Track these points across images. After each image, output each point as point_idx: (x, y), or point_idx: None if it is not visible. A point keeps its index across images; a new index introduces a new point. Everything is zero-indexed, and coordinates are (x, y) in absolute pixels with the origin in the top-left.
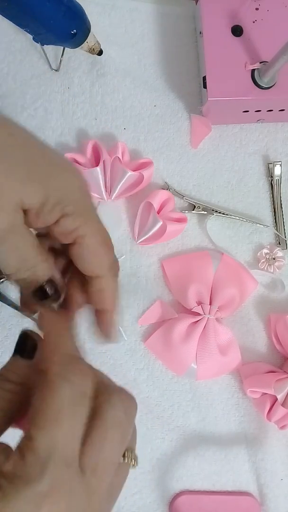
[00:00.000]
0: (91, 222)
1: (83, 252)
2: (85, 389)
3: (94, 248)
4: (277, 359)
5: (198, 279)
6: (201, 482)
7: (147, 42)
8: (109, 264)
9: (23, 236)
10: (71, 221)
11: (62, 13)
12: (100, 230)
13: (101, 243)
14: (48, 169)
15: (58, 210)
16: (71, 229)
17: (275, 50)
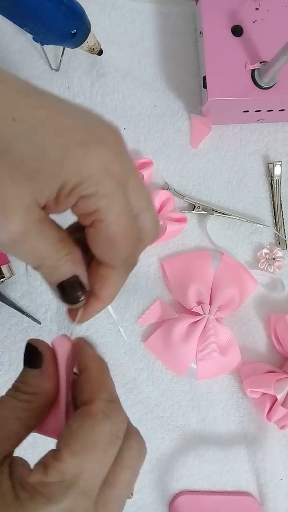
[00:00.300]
0: (115, 207)
1: (100, 237)
2: (120, 432)
3: (111, 236)
4: (277, 359)
5: (198, 279)
6: (201, 482)
7: (147, 42)
8: (123, 258)
9: (40, 236)
10: (90, 204)
11: (62, 13)
12: (124, 218)
13: (122, 232)
14: (62, 154)
15: (76, 194)
16: (89, 211)
17: (275, 50)
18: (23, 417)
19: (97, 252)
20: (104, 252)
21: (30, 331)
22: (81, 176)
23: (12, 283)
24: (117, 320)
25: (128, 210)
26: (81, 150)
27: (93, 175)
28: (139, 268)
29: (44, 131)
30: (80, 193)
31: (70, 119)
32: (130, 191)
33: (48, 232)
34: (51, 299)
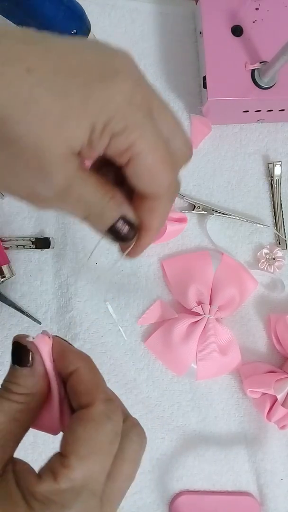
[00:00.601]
0: (148, 136)
1: (139, 170)
2: (120, 429)
3: (151, 166)
4: (277, 359)
5: (198, 279)
6: (201, 482)
7: (147, 42)
8: (167, 185)
9: (83, 184)
10: (123, 140)
11: (62, 13)
12: (159, 145)
13: (160, 159)
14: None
15: (108, 133)
16: (124, 148)
17: (275, 50)
18: (20, 418)
19: (141, 186)
20: (147, 185)
21: (30, 331)
22: (108, 112)
23: (12, 283)
24: (117, 320)
25: (161, 137)
26: (101, 86)
27: (119, 108)
28: (139, 268)
29: (61, 76)
30: (111, 130)
31: (82, 57)
32: (156, 115)
33: (89, 179)
34: (51, 299)
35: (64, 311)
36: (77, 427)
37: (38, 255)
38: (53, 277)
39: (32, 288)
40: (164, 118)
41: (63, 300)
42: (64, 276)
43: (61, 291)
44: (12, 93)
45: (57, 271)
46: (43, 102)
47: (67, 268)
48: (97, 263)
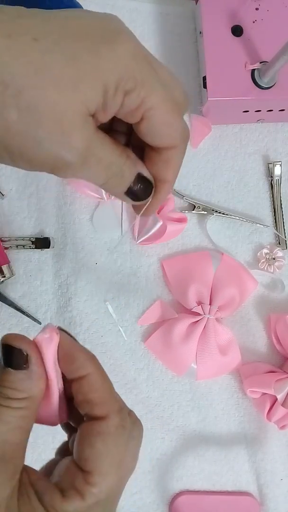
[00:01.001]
0: (156, 90)
1: (154, 125)
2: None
3: (164, 118)
4: (277, 359)
5: (198, 279)
6: (201, 482)
7: (147, 42)
8: (181, 132)
9: (102, 145)
10: (135, 97)
11: None
12: (167, 96)
13: (171, 110)
14: (93, 55)
15: (120, 92)
16: (137, 105)
17: (275, 50)
18: (23, 424)
19: (157, 140)
20: (164, 137)
21: (30, 331)
22: (119, 71)
23: (12, 283)
24: (117, 320)
25: (166, 87)
26: (108, 47)
27: (128, 66)
28: (139, 268)
29: (68, 41)
30: (123, 88)
31: (82, 23)
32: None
33: (106, 140)
34: (51, 299)
35: (64, 311)
36: (97, 442)
37: (38, 255)
38: (53, 277)
39: (32, 288)
40: (161, 71)
41: (63, 300)
42: (64, 276)
43: (61, 291)
44: (25, 62)
45: (57, 271)
46: (56, 67)
47: (67, 268)
48: (97, 263)
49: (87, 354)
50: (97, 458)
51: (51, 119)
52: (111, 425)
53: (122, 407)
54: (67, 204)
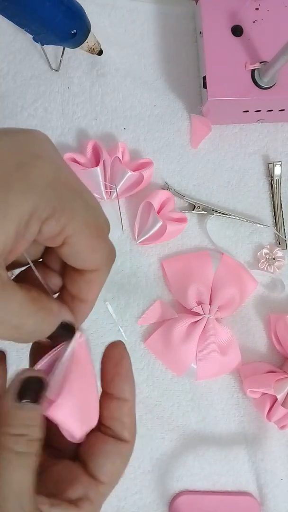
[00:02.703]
0: (78, 215)
1: (77, 250)
2: None
3: (87, 243)
4: (277, 359)
5: (198, 279)
6: (201, 482)
7: (147, 42)
8: (106, 256)
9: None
10: (54, 224)
11: (62, 13)
12: (91, 220)
13: (95, 235)
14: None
15: (36, 221)
16: (57, 232)
17: (275, 50)
18: (35, 465)
19: (79, 264)
20: (86, 261)
21: None
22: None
23: None
24: (117, 320)
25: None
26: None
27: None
28: (139, 268)
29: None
30: (40, 217)
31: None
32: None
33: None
34: None
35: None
36: (117, 461)
37: None
38: None
39: None
40: (86, 194)
41: None
42: None
43: None
44: None
45: None
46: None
47: None
48: None
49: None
50: (115, 474)
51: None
52: (131, 449)
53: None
54: None
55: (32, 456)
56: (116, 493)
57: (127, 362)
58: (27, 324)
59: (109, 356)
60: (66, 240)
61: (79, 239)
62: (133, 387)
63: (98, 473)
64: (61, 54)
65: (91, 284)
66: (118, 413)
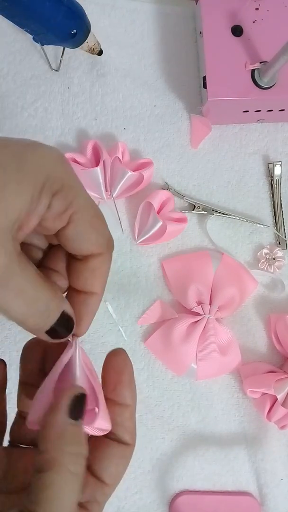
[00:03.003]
0: (82, 194)
1: (82, 228)
2: None
3: (92, 221)
4: (277, 359)
5: (198, 279)
6: (201, 482)
7: (147, 42)
8: (107, 239)
9: (23, 272)
10: (62, 198)
11: (62, 13)
12: (92, 202)
13: (97, 215)
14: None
15: (48, 193)
16: (65, 207)
17: (275, 50)
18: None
19: (84, 245)
20: (91, 242)
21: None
22: (46, 171)
23: None
24: (117, 320)
25: (86, 193)
26: (32, 150)
27: (54, 168)
28: (139, 268)
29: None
30: (50, 189)
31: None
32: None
33: (30, 267)
34: None
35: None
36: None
37: None
38: None
39: None
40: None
41: None
42: None
43: None
44: None
45: None
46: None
47: None
48: None
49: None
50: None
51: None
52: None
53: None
54: None
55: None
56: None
57: (129, 370)
58: (41, 299)
59: (111, 364)
60: (72, 217)
61: (84, 216)
62: (134, 393)
63: (103, 475)
64: (61, 54)
65: (96, 273)
66: (120, 418)
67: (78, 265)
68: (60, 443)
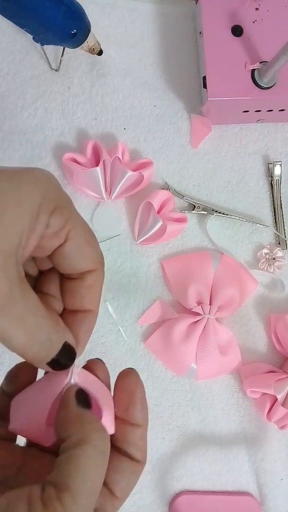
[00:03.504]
0: (75, 211)
1: (78, 245)
2: None
3: (87, 237)
4: (277, 359)
5: (198, 279)
6: (201, 482)
7: (147, 42)
8: (101, 255)
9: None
10: (59, 216)
11: (62, 13)
12: (83, 220)
13: (89, 231)
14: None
15: (45, 212)
16: (62, 225)
17: (275, 50)
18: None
19: (82, 262)
20: (87, 257)
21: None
22: (41, 191)
23: None
24: (117, 320)
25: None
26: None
27: (48, 188)
28: (139, 268)
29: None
30: (47, 208)
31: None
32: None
33: (32, 296)
34: None
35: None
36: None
37: None
38: None
39: None
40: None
41: None
42: None
43: None
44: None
45: None
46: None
47: None
48: None
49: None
50: (128, 490)
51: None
52: (142, 470)
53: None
54: None
55: (107, 455)
56: None
57: (141, 391)
58: (42, 329)
59: (122, 385)
60: (69, 235)
61: (80, 232)
62: (146, 413)
63: (114, 488)
64: (61, 54)
65: (92, 289)
66: (131, 437)
67: (73, 284)
68: (81, 425)
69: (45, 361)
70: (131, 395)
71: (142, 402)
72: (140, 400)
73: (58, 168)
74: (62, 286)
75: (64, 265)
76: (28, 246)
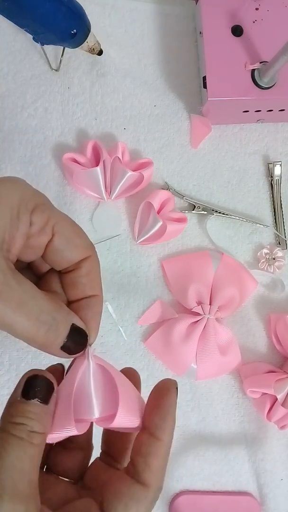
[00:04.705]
0: (55, 209)
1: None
2: None
3: (73, 228)
4: (277, 359)
5: (198, 279)
6: (201, 482)
7: (147, 42)
8: (90, 243)
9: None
10: (40, 213)
11: (62, 13)
12: (65, 215)
13: (73, 223)
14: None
15: (26, 211)
16: (45, 221)
17: (275, 50)
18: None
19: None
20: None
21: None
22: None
23: None
24: (117, 320)
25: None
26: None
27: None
28: (139, 268)
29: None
30: (27, 208)
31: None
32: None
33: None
34: None
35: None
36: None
37: None
38: None
39: None
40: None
41: None
42: None
43: None
44: None
45: None
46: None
47: None
48: None
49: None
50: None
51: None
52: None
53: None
54: (67, 204)
55: (32, 446)
56: None
57: (171, 398)
58: (44, 310)
59: (157, 389)
60: (55, 229)
61: (65, 224)
62: (170, 429)
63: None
64: (61, 54)
65: (91, 275)
66: (145, 449)
67: (72, 276)
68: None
69: (57, 345)
70: (159, 397)
71: (169, 412)
72: (168, 408)
73: (58, 168)
74: (62, 282)
75: (59, 259)
76: (15, 244)
